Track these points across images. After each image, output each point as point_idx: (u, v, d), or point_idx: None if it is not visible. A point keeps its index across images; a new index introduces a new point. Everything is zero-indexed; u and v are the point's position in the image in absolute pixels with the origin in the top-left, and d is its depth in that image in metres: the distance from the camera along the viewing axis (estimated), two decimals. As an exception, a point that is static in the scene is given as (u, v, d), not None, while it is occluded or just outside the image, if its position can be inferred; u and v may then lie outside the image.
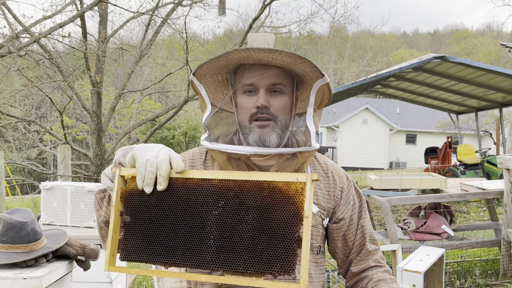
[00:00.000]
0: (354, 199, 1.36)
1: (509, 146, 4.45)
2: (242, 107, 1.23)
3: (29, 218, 1.67)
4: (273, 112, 1.20)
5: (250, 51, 1.12)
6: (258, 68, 1.20)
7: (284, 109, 1.22)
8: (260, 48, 1.11)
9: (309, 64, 1.14)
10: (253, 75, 1.20)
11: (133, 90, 15.06)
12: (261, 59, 1.17)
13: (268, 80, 1.20)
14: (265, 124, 1.19)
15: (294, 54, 1.12)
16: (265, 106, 1.19)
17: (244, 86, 1.22)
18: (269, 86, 1.20)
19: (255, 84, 1.20)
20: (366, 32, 40.52)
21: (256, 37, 1.24)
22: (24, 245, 1.58)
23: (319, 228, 1.29)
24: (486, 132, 18.62)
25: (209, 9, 13.71)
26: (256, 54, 1.14)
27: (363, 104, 25.41)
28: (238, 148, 1.19)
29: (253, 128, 1.20)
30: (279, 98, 1.21)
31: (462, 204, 8.10)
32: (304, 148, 1.21)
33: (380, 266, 1.33)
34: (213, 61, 1.16)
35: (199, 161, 1.33)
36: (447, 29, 59.54)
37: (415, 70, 8.07)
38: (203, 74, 1.22)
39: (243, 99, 1.22)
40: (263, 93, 1.20)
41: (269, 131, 1.19)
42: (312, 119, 1.21)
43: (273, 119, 1.20)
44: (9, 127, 12.92)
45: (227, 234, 0.95)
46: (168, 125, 23.42)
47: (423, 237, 4.16)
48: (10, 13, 8.57)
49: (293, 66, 1.18)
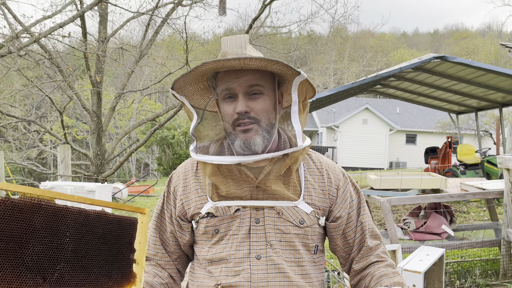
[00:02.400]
0: (351, 196, 1.35)
1: (509, 146, 4.45)
2: (225, 114, 1.23)
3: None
4: (255, 115, 1.20)
5: (217, 62, 1.13)
6: (233, 74, 1.20)
7: (266, 110, 1.22)
8: (229, 59, 1.11)
9: (283, 65, 1.15)
10: (229, 80, 1.20)
11: (133, 90, 15.07)
12: (235, 66, 1.16)
13: (245, 84, 1.19)
14: (248, 128, 1.19)
15: (264, 59, 1.12)
16: (245, 112, 1.18)
17: (222, 92, 1.22)
18: (246, 90, 1.20)
19: (233, 89, 1.20)
20: (366, 32, 40.51)
21: (228, 41, 1.23)
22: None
23: (314, 227, 1.28)
24: (486, 132, 18.60)
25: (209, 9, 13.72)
26: (229, 63, 1.14)
27: (363, 104, 25.40)
28: (222, 159, 1.20)
29: (237, 134, 1.20)
30: (258, 100, 1.21)
31: (462, 204, 8.10)
32: (290, 150, 1.21)
33: (382, 261, 1.31)
34: (185, 75, 1.18)
35: (191, 173, 1.34)
36: (447, 29, 59.49)
37: (415, 70, 8.07)
38: (182, 86, 1.23)
39: (224, 106, 1.22)
40: (242, 98, 1.19)
41: (253, 134, 1.19)
42: (297, 117, 1.21)
43: (256, 122, 1.20)
44: (9, 127, 12.92)
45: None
46: (168, 125, 23.41)
47: (423, 237, 4.16)
48: (10, 13, 8.57)
49: (268, 68, 1.19)
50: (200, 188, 1.30)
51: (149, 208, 1.14)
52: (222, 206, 1.25)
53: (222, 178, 1.23)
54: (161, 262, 1.36)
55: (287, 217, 1.24)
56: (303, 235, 1.26)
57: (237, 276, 1.21)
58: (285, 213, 1.24)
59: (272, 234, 1.23)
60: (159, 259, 1.36)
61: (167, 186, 1.37)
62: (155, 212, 1.39)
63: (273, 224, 1.24)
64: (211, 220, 1.26)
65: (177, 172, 1.38)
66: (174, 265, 1.37)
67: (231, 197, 1.24)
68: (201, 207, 1.27)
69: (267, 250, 1.22)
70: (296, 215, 1.25)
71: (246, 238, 1.23)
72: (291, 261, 1.24)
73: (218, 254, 1.25)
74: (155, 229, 1.37)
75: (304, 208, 1.26)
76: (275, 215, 1.24)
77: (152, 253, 1.36)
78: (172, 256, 1.36)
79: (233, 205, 1.24)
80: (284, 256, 1.24)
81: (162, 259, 1.36)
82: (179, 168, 1.39)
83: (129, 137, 19.75)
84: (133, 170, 30.89)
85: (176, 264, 1.38)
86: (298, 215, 1.25)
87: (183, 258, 1.39)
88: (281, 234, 1.24)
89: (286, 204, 1.24)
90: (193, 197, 1.30)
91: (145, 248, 1.10)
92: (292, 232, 1.25)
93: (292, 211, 1.25)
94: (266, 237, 1.23)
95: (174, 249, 1.36)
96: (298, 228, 1.25)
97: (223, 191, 1.23)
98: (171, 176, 1.39)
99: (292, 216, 1.25)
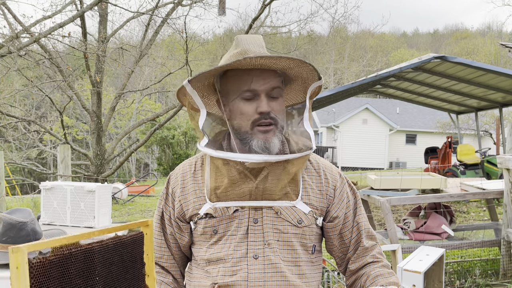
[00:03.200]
0: (348, 197, 1.36)
1: (509, 146, 4.45)
2: (242, 113, 1.20)
3: (29, 218, 1.68)
4: (275, 116, 1.20)
5: (252, 59, 1.12)
6: (257, 73, 1.18)
7: (283, 111, 1.24)
8: (275, 56, 1.11)
9: (311, 68, 1.16)
10: (251, 80, 1.18)
11: (133, 90, 15.08)
12: (264, 64, 1.16)
13: (270, 85, 1.19)
14: (268, 129, 1.19)
15: (299, 60, 1.13)
16: (268, 112, 1.19)
17: (243, 93, 1.20)
18: (269, 91, 1.20)
19: (256, 89, 1.19)
20: (366, 32, 40.53)
21: (247, 39, 1.23)
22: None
23: (312, 227, 1.29)
24: (486, 132, 18.60)
25: (209, 9, 13.72)
26: (257, 62, 1.14)
27: (363, 104, 25.40)
28: (249, 157, 1.16)
29: (256, 134, 1.19)
30: (278, 102, 1.22)
31: (462, 204, 8.10)
32: (307, 152, 1.22)
33: (378, 261, 1.32)
34: (218, 69, 1.16)
35: (189, 174, 1.33)
36: (447, 29, 59.48)
37: (415, 70, 8.07)
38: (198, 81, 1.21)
39: (242, 105, 1.20)
40: (265, 98, 1.19)
41: (272, 136, 1.20)
42: (308, 123, 1.23)
43: (275, 123, 1.20)
44: (9, 127, 12.92)
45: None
46: (168, 125, 23.41)
47: (423, 237, 4.16)
48: (10, 13, 8.58)
49: (292, 70, 1.19)
50: (199, 189, 1.30)
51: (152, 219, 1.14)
52: (220, 206, 1.25)
53: (222, 178, 1.23)
54: (166, 264, 1.36)
55: (285, 217, 1.25)
56: (301, 235, 1.27)
57: (234, 276, 1.22)
58: (284, 213, 1.25)
59: (270, 234, 1.24)
60: (164, 262, 1.36)
61: (166, 188, 1.37)
62: (156, 214, 1.39)
63: (271, 224, 1.24)
64: (210, 220, 1.26)
65: (175, 173, 1.38)
66: (177, 267, 1.38)
67: (229, 198, 1.24)
68: (200, 208, 1.27)
69: (265, 249, 1.23)
70: (294, 215, 1.26)
71: (244, 238, 1.23)
72: (289, 261, 1.25)
73: (216, 254, 1.26)
74: (159, 231, 1.37)
75: (302, 208, 1.27)
76: (273, 215, 1.24)
77: (158, 255, 1.36)
78: (175, 258, 1.37)
79: (232, 206, 1.24)
80: (281, 256, 1.24)
81: (168, 261, 1.36)
82: (177, 170, 1.38)
83: (129, 137, 19.75)
84: (133, 170, 30.89)
85: (179, 266, 1.39)
86: (296, 215, 1.26)
87: (184, 259, 1.40)
88: (279, 233, 1.24)
89: (285, 204, 1.25)
90: (191, 198, 1.30)
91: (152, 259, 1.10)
92: (290, 232, 1.25)
93: (290, 211, 1.25)
94: (264, 237, 1.23)
95: (174, 250, 1.36)
96: (296, 227, 1.26)
97: (224, 190, 1.23)
98: (169, 178, 1.39)
99: (290, 216, 1.25)
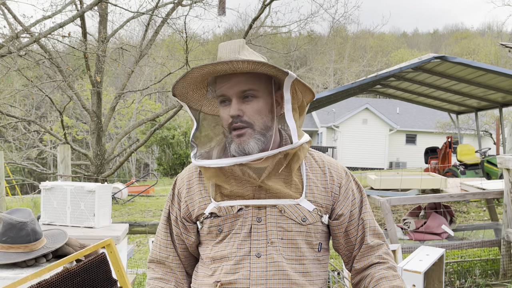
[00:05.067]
0: (354, 194, 1.36)
1: (509, 146, 4.45)
2: (222, 118, 1.26)
3: (29, 218, 1.68)
4: (248, 119, 1.22)
5: (208, 66, 1.16)
6: (225, 78, 1.23)
7: (260, 112, 1.24)
8: (216, 62, 1.15)
9: (269, 66, 1.17)
10: (222, 85, 1.23)
11: (133, 90, 15.08)
12: (226, 70, 1.19)
13: (238, 88, 1.22)
14: (241, 132, 1.22)
15: (251, 61, 1.14)
16: (237, 115, 1.21)
17: (218, 98, 1.26)
18: (239, 94, 1.22)
19: (226, 94, 1.23)
20: (366, 32, 40.49)
21: (223, 46, 1.27)
22: (24, 245, 1.58)
23: (317, 225, 1.29)
24: (486, 132, 18.59)
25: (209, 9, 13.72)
26: (217, 67, 1.17)
27: (363, 104, 25.40)
28: (218, 161, 1.23)
29: (233, 138, 1.23)
30: (251, 103, 1.23)
31: (462, 204, 8.10)
32: (285, 148, 1.23)
33: (384, 263, 1.32)
34: (179, 81, 1.22)
35: (195, 175, 1.37)
36: (447, 29, 59.40)
37: (415, 70, 8.07)
38: (184, 93, 1.27)
39: (221, 111, 1.26)
40: (235, 102, 1.22)
41: (247, 138, 1.22)
42: (291, 115, 1.23)
43: (249, 126, 1.22)
44: (9, 127, 12.91)
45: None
46: (168, 125, 23.42)
47: (423, 237, 4.16)
48: (10, 13, 8.57)
49: (256, 70, 1.21)
50: (204, 190, 1.32)
51: (111, 238, 1.18)
52: (225, 206, 1.26)
53: (225, 179, 1.25)
54: (172, 264, 1.38)
55: (289, 215, 1.26)
56: (306, 232, 1.27)
57: (236, 274, 1.23)
58: (287, 211, 1.25)
59: (274, 232, 1.24)
60: (170, 262, 1.38)
61: (172, 189, 1.40)
62: (163, 215, 1.42)
63: (275, 222, 1.25)
64: (215, 220, 1.28)
65: (181, 175, 1.41)
66: (183, 268, 1.40)
67: (233, 197, 1.26)
68: (205, 208, 1.29)
69: (268, 248, 1.24)
70: (298, 212, 1.26)
71: (248, 237, 1.25)
72: (292, 259, 1.25)
73: (220, 252, 1.27)
74: (166, 232, 1.40)
75: (307, 206, 1.27)
76: (277, 213, 1.25)
77: (164, 255, 1.38)
78: (181, 258, 1.39)
79: (236, 205, 1.26)
80: (285, 254, 1.25)
81: (173, 261, 1.38)
82: (184, 171, 1.41)
83: (129, 137, 19.75)
84: (133, 170, 30.88)
85: (186, 266, 1.40)
86: (300, 212, 1.26)
87: (191, 260, 1.41)
88: (283, 232, 1.25)
89: (288, 202, 1.26)
90: (196, 198, 1.32)
91: (124, 273, 1.11)
92: (294, 230, 1.26)
93: (294, 209, 1.26)
94: (267, 235, 1.24)
95: (180, 251, 1.38)
96: (301, 225, 1.26)
97: (227, 190, 1.25)
98: (176, 179, 1.42)
99: (294, 214, 1.26)
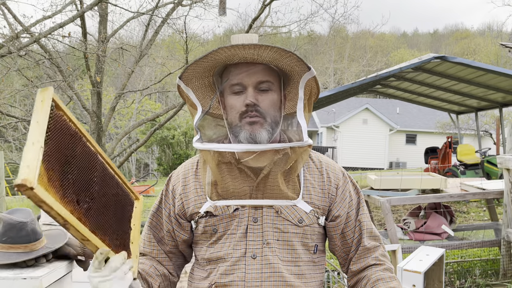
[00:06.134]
0: (351, 196, 1.34)
1: (509, 146, 4.45)
2: (232, 107, 1.22)
3: (29, 218, 1.68)
4: (262, 109, 1.20)
5: (235, 48, 1.12)
6: (244, 67, 1.20)
7: (273, 106, 1.22)
8: (245, 44, 1.11)
9: (295, 58, 1.15)
10: (240, 73, 1.20)
11: (133, 90, 15.05)
12: (246, 57, 1.17)
13: (256, 78, 1.20)
14: (255, 120, 1.19)
15: (279, 48, 1.12)
16: (254, 104, 1.19)
17: (232, 86, 1.22)
18: (256, 84, 1.20)
19: (243, 82, 1.20)
20: (366, 32, 40.52)
21: (239, 37, 1.24)
22: (24, 245, 1.57)
23: (314, 227, 1.28)
24: (486, 132, 18.59)
25: (209, 9, 13.70)
26: (241, 52, 1.14)
27: (363, 104, 25.39)
28: (229, 146, 1.20)
29: (243, 126, 1.20)
30: (267, 95, 1.21)
31: (462, 204, 8.10)
32: (297, 143, 1.20)
33: (380, 264, 1.31)
34: (198, 62, 1.16)
35: (191, 173, 1.34)
36: (447, 29, 59.49)
37: (415, 70, 8.06)
38: (189, 78, 1.22)
39: (232, 99, 1.22)
40: (251, 90, 1.20)
41: (259, 127, 1.19)
42: (302, 114, 1.21)
43: (263, 116, 1.20)
44: (9, 127, 12.91)
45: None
46: (168, 125, 23.41)
47: (423, 237, 4.16)
48: (10, 13, 8.57)
49: (279, 61, 1.18)
50: (200, 188, 1.29)
51: (142, 197, 1.20)
52: (221, 205, 1.24)
53: (221, 177, 1.23)
54: (158, 258, 1.36)
55: (285, 216, 1.24)
56: (302, 234, 1.26)
57: (231, 275, 1.22)
58: (284, 212, 1.24)
59: (270, 233, 1.23)
60: (155, 256, 1.36)
61: (166, 185, 1.37)
62: (151, 210, 1.39)
63: (271, 223, 1.23)
64: (210, 219, 1.26)
65: (177, 172, 1.38)
66: (171, 263, 1.37)
67: (230, 197, 1.24)
68: (200, 207, 1.27)
69: (263, 249, 1.22)
70: (295, 214, 1.25)
71: (243, 238, 1.23)
72: (288, 261, 1.24)
73: (216, 253, 1.25)
74: (149, 227, 1.37)
75: (303, 207, 1.26)
76: (273, 214, 1.24)
77: (148, 250, 1.36)
78: (169, 255, 1.36)
79: (232, 205, 1.24)
80: (280, 256, 1.23)
81: (159, 256, 1.36)
82: (179, 168, 1.39)
83: (129, 137, 19.75)
84: (133, 170, 30.89)
85: (173, 263, 1.37)
86: (297, 214, 1.25)
87: (180, 258, 1.39)
88: (279, 233, 1.24)
89: (285, 203, 1.24)
90: (192, 196, 1.30)
91: (138, 231, 1.15)
92: (290, 231, 1.24)
93: (291, 210, 1.24)
94: (263, 236, 1.23)
95: (170, 248, 1.36)
96: (297, 227, 1.25)
97: (223, 188, 1.23)
98: (170, 176, 1.39)
99: (291, 215, 1.24)
